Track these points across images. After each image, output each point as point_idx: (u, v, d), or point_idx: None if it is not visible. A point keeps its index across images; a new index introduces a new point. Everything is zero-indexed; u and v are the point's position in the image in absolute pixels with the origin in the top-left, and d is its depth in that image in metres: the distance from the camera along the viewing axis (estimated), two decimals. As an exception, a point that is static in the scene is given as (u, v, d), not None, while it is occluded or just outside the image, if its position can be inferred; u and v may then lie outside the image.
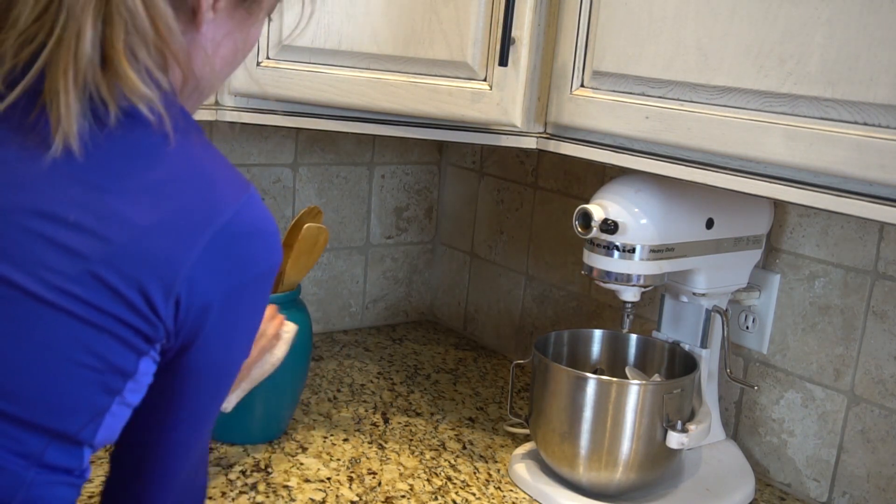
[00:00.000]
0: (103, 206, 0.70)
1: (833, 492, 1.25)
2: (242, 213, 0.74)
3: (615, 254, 1.14)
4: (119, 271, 0.69)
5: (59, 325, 0.69)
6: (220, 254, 0.72)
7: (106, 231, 0.69)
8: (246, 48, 0.86)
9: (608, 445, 1.15)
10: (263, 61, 1.25)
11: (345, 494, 1.20)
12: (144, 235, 0.70)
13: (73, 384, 0.71)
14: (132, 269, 0.70)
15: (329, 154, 1.77)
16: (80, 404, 0.73)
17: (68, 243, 0.69)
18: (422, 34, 1.16)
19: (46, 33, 0.69)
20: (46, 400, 0.71)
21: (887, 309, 1.18)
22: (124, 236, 0.69)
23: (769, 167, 0.91)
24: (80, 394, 0.72)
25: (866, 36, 0.82)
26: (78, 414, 0.73)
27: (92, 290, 0.69)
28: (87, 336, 0.70)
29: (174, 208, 0.71)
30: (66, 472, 0.75)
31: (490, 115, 1.15)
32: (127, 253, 0.70)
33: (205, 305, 0.73)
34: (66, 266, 0.69)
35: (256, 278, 0.76)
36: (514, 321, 1.78)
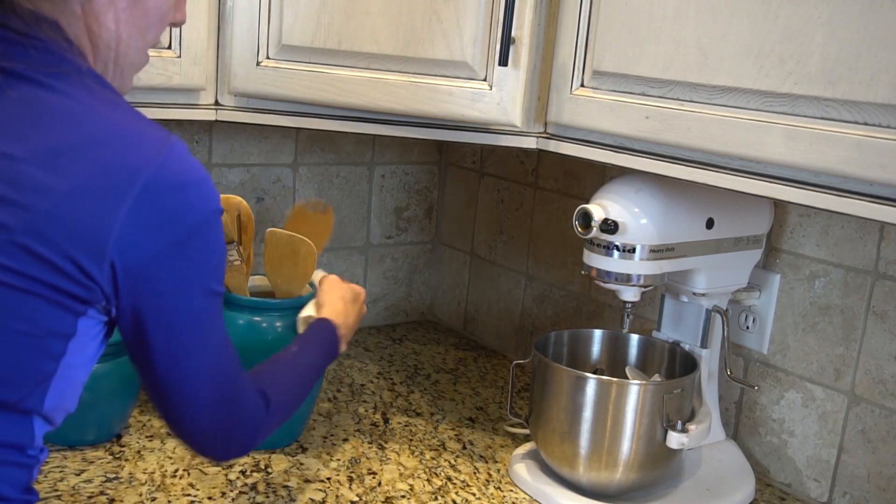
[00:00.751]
0: (17, 173, 0.69)
1: (833, 492, 1.25)
2: (165, 167, 0.72)
3: (615, 254, 1.14)
4: (44, 239, 0.69)
5: None
6: (148, 211, 0.71)
7: (25, 199, 0.68)
8: (150, 16, 0.83)
9: (608, 445, 1.15)
10: (263, 61, 1.25)
11: (345, 494, 1.20)
12: (65, 200, 0.69)
13: (10, 352, 0.71)
14: (57, 236, 0.69)
15: (329, 154, 1.77)
16: (22, 372, 0.72)
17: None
18: (422, 34, 1.16)
19: None
20: None
21: (887, 309, 1.18)
22: (45, 203, 0.68)
23: (769, 167, 0.91)
24: (19, 361, 0.71)
25: (866, 36, 0.82)
26: (20, 382, 0.72)
27: (18, 260, 0.69)
28: (17, 303, 0.70)
29: (93, 171, 0.70)
30: (16, 448, 0.74)
31: (490, 114, 1.14)
32: (50, 220, 0.69)
33: (145, 263, 0.73)
34: None
35: (195, 228, 0.75)
36: (514, 321, 1.78)
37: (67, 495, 1.13)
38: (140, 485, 1.17)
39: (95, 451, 1.25)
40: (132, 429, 1.32)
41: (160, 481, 1.18)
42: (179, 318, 0.78)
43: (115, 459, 1.23)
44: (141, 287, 0.74)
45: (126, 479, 1.18)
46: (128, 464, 1.22)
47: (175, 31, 1.21)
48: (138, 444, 1.28)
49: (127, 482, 1.17)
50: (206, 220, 0.76)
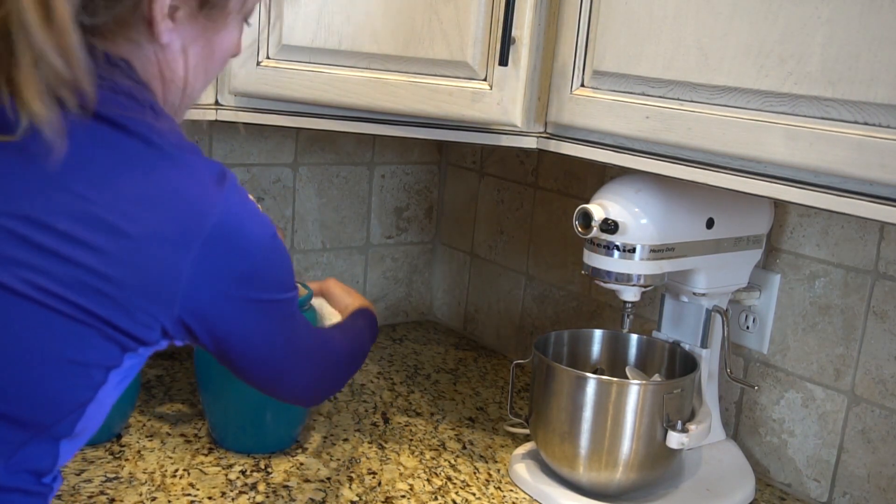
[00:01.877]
0: (91, 216, 0.70)
1: (833, 492, 1.25)
2: (226, 209, 0.74)
3: (615, 254, 1.14)
4: (114, 281, 0.70)
5: (38, 320, 0.69)
6: (215, 253, 0.73)
7: (97, 242, 0.70)
8: (217, 55, 0.86)
9: (608, 445, 1.15)
10: (263, 61, 1.25)
11: (345, 494, 1.20)
12: (136, 247, 0.70)
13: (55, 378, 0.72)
14: (127, 279, 0.70)
15: (329, 154, 1.77)
16: (62, 397, 0.73)
17: (60, 250, 0.69)
18: (422, 34, 1.16)
19: None
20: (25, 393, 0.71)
21: (888, 309, 1.18)
22: (116, 247, 0.70)
23: (769, 167, 0.91)
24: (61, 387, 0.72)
25: (866, 36, 0.82)
26: (58, 407, 0.73)
27: (84, 296, 0.70)
28: (70, 332, 0.70)
29: (162, 218, 0.71)
30: (33, 474, 0.75)
31: (490, 114, 1.14)
32: (121, 264, 0.70)
33: (215, 303, 0.74)
34: (57, 271, 0.69)
35: (260, 257, 0.77)
36: (514, 321, 1.78)
37: (67, 495, 1.13)
38: (140, 485, 1.17)
39: (95, 450, 1.25)
40: (132, 429, 1.32)
41: (160, 481, 1.18)
42: (261, 339, 0.81)
43: (115, 459, 1.23)
44: (216, 323, 0.76)
45: (126, 478, 1.18)
46: (128, 464, 1.22)
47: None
48: (138, 443, 1.28)
49: (127, 482, 1.17)
50: (267, 245, 0.78)
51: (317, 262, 1.80)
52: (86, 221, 0.70)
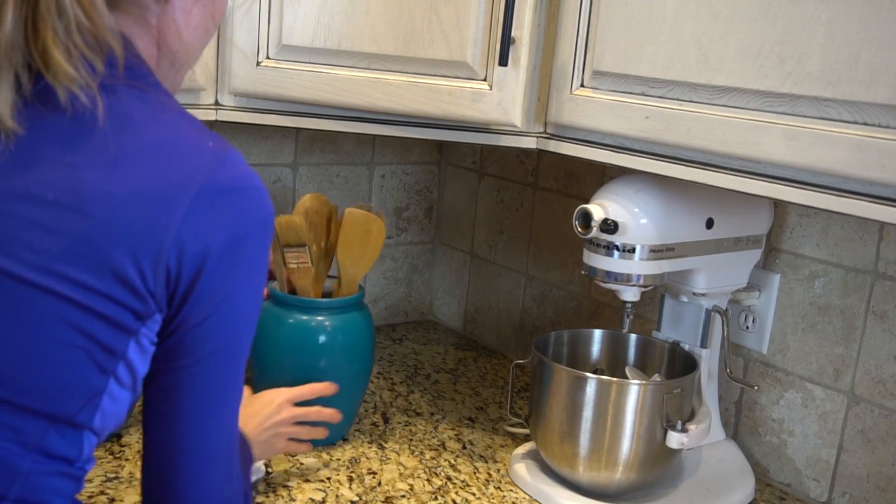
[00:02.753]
0: (77, 181, 0.69)
1: (833, 492, 1.25)
2: (221, 171, 0.73)
3: (615, 254, 1.14)
4: (104, 245, 0.69)
5: (46, 306, 0.69)
6: (204, 214, 0.71)
7: (85, 206, 0.69)
8: (216, 16, 0.85)
9: (608, 445, 1.15)
10: (263, 61, 1.25)
11: (345, 494, 1.20)
12: (124, 205, 0.69)
13: (65, 364, 0.71)
14: (116, 240, 0.69)
15: (329, 154, 1.77)
16: (74, 385, 0.72)
17: (49, 222, 0.68)
18: (422, 34, 1.16)
19: None
20: (40, 382, 0.71)
21: (887, 309, 1.18)
22: (104, 209, 0.69)
23: (769, 167, 0.91)
24: (72, 374, 0.72)
25: (866, 36, 0.82)
26: (73, 395, 0.72)
27: (77, 268, 0.69)
28: (74, 315, 0.70)
29: (151, 175, 0.70)
30: (66, 461, 0.75)
31: (490, 114, 1.15)
32: (109, 225, 0.69)
33: (197, 268, 0.72)
34: (49, 244, 0.68)
35: (247, 234, 0.74)
36: (514, 321, 1.78)
37: (67, 495, 1.13)
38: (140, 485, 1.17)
39: (96, 450, 1.25)
40: (132, 429, 1.32)
41: (160, 481, 1.18)
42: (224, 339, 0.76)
43: (115, 459, 1.23)
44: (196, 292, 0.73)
45: (126, 478, 1.18)
46: (128, 463, 1.22)
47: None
48: (138, 443, 1.28)
49: (127, 482, 1.17)
50: (256, 228, 0.75)
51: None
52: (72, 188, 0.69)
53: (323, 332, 1.27)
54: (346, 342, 1.29)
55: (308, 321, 1.27)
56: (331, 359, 1.27)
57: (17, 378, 0.70)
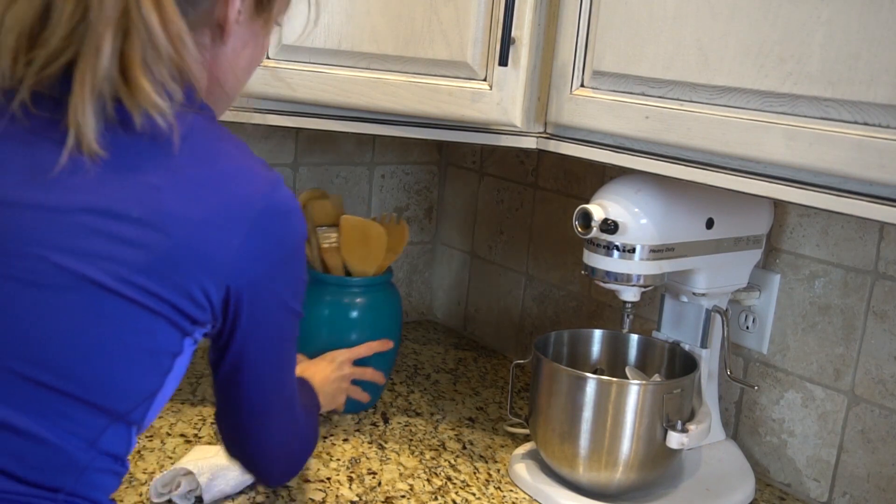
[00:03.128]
0: (160, 203, 0.76)
1: (833, 492, 1.25)
2: (272, 196, 0.81)
3: (615, 254, 1.14)
4: (179, 262, 0.76)
5: (122, 312, 0.75)
6: (259, 237, 0.80)
7: (167, 226, 0.76)
8: (261, 54, 0.94)
9: (608, 445, 1.15)
10: (264, 61, 1.25)
11: (345, 494, 1.20)
12: (198, 229, 0.77)
13: (132, 365, 0.78)
14: (190, 260, 0.77)
15: (329, 154, 1.77)
16: (136, 384, 0.79)
17: (132, 237, 0.75)
18: (422, 34, 1.16)
19: (73, 51, 0.75)
20: (109, 381, 0.77)
21: (887, 309, 1.18)
22: (182, 231, 0.76)
23: (769, 167, 0.91)
24: (136, 374, 0.78)
25: (866, 36, 0.82)
26: (133, 394, 0.79)
27: (154, 280, 0.76)
28: (145, 321, 0.76)
29: (218, 202, 0.78)
30: (115, 458, 0.80)
31: (490, 114, 1.15)
32: (185, 246, 0.76)
33: (251, 285, 0.81)
34: (131, 257, 0.75)
35: (292, 250, 0.84)
36: (514, 321, 1.78)
37: (67, 495, 1.13)
38: (140, 485, 1.17)
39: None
40: (132, 429, 1.32)
41: (160, 481, 1.18)
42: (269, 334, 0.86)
43: (115, 459, 1.23)
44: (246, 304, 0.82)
45: (126, 479, 1.18)
46: (128, 464, 1.22)
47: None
48: (138, 443, 1.28)
49: (127, 482, 1.17)
50: (300, 244, 0.85)
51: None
52: (155, 208, 0.76)
53: (355, 308, 1.41)
54: (375, 318, 1.42)
55: (342, 298, 1.41)
56: (362, 333, 1.39)
57: (88, 375, 0.76)
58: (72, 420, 0.76)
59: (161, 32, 0.76)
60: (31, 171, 0.76)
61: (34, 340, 0.74)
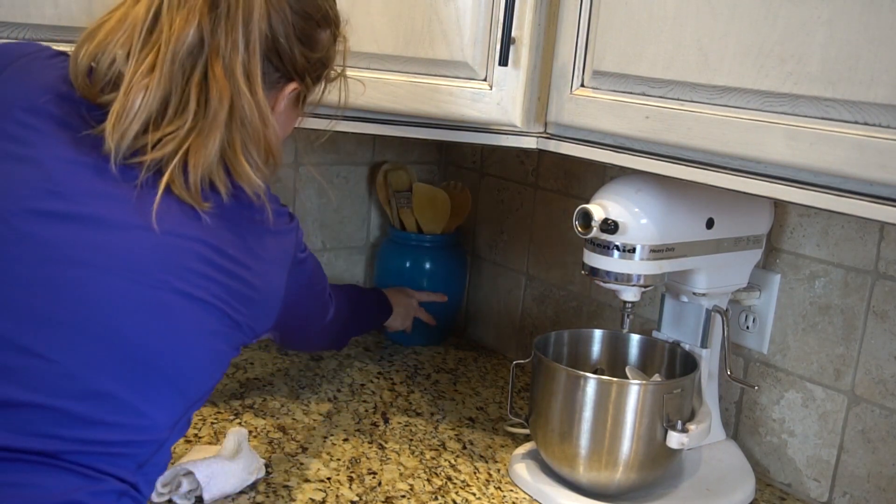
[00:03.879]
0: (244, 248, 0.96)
1: (833, 492, 1.25)
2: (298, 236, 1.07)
3: (615, 254, 1.14)
4: (256, 293, 0.97)
5: (206, 318, 0.92)
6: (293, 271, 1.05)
7: (249, 263, 0.96)
8: (288, 133, 1.09)
9: (608, 445, 1.15)
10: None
11: (345, 494, 1.20)
12: (265, 270, 0.98)
13: (211, 363, 0.95)
14: (259, 294, 0.97)
15: (329, 154, 1.77)
16: (212, 378, 0.97)
17: (231, 269, 0.94)
18: (422, 34, 1.16)
19: (187, 131, 0.90)
20: (197, 375, 0.94)
21: (888, 309, 1.18)
22: (258, 271, 0.97)
23: (769, 167, 0.91)
24: (213, 370, 0.96)
25: (866, 36, 0.82)
26: (207, 386, 0.97)
27: (241, 303, 0.95)
28: (226, 328, 0.95)
29: (271, 259, 1.00)
30: (174, 441, 0.96)
31: (490, 114, 1.14)
32: (253, 286, 0.96)
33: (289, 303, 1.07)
34: (228, 283, 0.93)
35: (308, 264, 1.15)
36: (514, 321, 1.78)
37: (67, 495, 1.12)
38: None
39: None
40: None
41: (160, 481, 1.18)
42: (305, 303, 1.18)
43: (115, 459, 1.23)
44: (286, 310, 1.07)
45: (126, 479, 1.18)
46: (128, 464, 1.22)
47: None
48: (138, 444, 1.28)
49: (127, 482, 1.17)
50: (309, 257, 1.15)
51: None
52: (243, 250, 0.95)
53: (426, 259, 1.75)
54: (442, 269, 1.76)
55: (416, 251, 1.75)
56: (431, 279, 1.75)
57: (187, 369, 0.92)
58: (163, 405, 0.91)
59: (257, 119, 0.92)
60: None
61: (156, 338, 0.89)
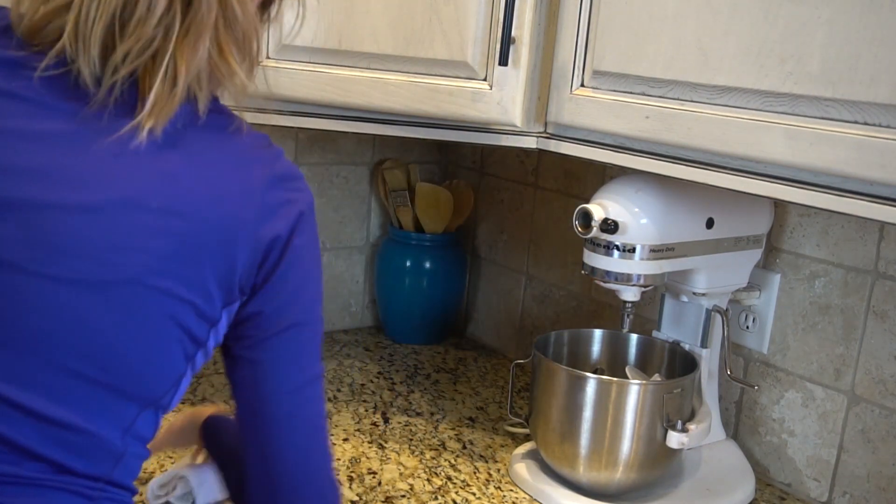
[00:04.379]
0: (184, 189, 0.77)
1: (833, 492, 1.25)
2: (277, 164, 0.84)
3: (615, 253, 1.14)
4: (202, 244, 0.77)
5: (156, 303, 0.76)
6: (272, 206, 0.81)
7: (184, 211, 0.76)
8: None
9: (608, 445, 1.15)
10: (263, 61, 1.25)
11: (345, 494, 1.20)
12: (213, 208, 0.77)
13: (164, 354, 0.79)
14: (212, 240, 0.77)
15: (329, 154, 1.77)
16: (168, 371, 0.80)
17: (156, 227, 0.75)
18: (422, 34, 1.16)
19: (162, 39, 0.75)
20: (143, 370, 0.78)
21: (888, 309, 1.18)
22: (199, 213, 0.77)
23: (769, 167, 0.91)
24: (168, 362, 0.80)
25: (866, 36, 0.82)
26: (164, 381, 0.81)
27: (182, 266, 0.76)
28: (177, 310, 0.77)
29: (234, 178, 0.80)
30: (145, 441, 0.83)
31: (490, 114, 1.14)
32: (205, 227, 0.77)
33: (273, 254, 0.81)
34: (158, 247, 0.75)
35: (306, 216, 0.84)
36: (514, 321, 1.78)
37: (67, 495, 1.12)
38: (140, 484, 1.17)
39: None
40: (132, 429, 1.32)
41: (160, 481, 1.18)
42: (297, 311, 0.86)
43: (115, 459, 1.23)
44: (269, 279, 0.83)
45: (126, 478, 1.18)
46: (128, 464, 1.22)
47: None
48: (138, 443, 1.28)
49: (127, 482, 1.17)
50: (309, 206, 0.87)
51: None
52: (178, 195, 0.77)
53: (427, 259, 1.75)
54: (443, 268, 1.76)
55: (417, 251, 1.75)
56: (432, 280, 1.75)
57: (123, 367, 0.77)
58: (109, 409, 0.77)
59: (242, 16, 0.79)
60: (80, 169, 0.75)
61: (77, 335, 0.75)
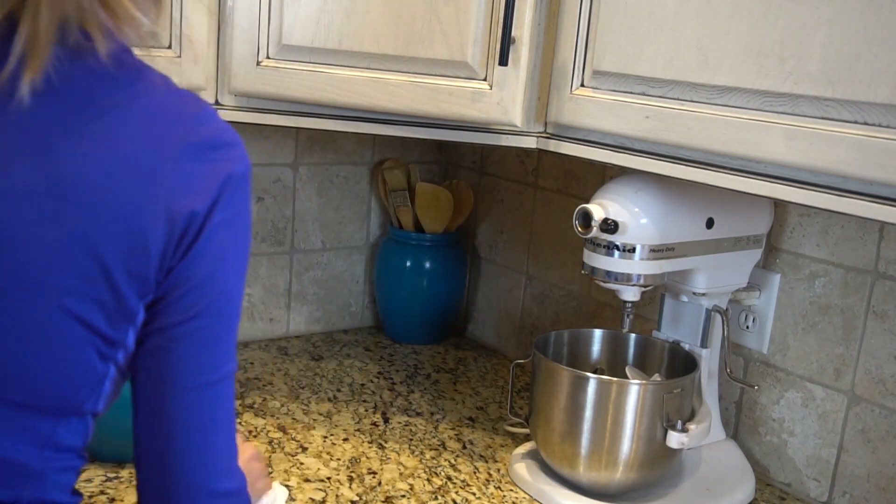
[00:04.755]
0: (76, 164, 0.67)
1: (833, 492, 1.25)
2: (203, 130, 0.72)
3: (615, 253, 1.14)
4: (98, 231, 0.68)
5: (50, 303, 0.68)
6: (187, 179, 0.70)
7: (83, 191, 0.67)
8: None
9: (608, 445, 1.15)
10: (263, 61, 1.25)
11: (345, 494, 1.20)
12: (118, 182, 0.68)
13: (72, 358, 0.70)
14: (109, 223, 0.68)
15: (329, 154, 1.77)
16: (81, 376, 0.71)
17: (50, 213, 0.66)
18: (422, 34, 1.16)
19: None
20: (50, 379, 0.70)
21: (887, 309, 1.18)
22: (102, 191, 0.67)
23: (769, 167, 0.91)
24: (79, 366, 0.71)
25: (866, 36, 0.82)
26: (80, 386, 0.72)
27: (76, 259, 0.67)
28: (77, 307, 0.69)
29: (140, 147, 0.69)
30: (74, 451, 0.74)
31: (490, 114, 1.15)
32: (110, 209, 0.68)
33: (188, 233, 0.71)
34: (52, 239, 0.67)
35: (227, 185, 0.72)
36: (514, 321, 1.78)
37: (67, 495, 1.13)
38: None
39: (95, 450, 1.25)
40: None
41: (160, 481, 1.18)
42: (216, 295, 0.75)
43: (116, 459, 1.23)
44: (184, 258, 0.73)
45: (126, 478, 1.18)
46: (128, 463, 1.22)
47: (175, 31, 1.21)
48: (138, 443, 1.28)
49: (127, 481, 1.17)
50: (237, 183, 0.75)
51: (317, 262, 1.80)
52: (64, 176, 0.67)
53: (428, 259, 1.75)
54: (443, 268, 1.76)
55: (418, 251, 1.75)
56: (432, 280, 1.76)
57: (27, 379, 0.69)
58: (17, 427, 0.70)
59: None
60: None
61: None
